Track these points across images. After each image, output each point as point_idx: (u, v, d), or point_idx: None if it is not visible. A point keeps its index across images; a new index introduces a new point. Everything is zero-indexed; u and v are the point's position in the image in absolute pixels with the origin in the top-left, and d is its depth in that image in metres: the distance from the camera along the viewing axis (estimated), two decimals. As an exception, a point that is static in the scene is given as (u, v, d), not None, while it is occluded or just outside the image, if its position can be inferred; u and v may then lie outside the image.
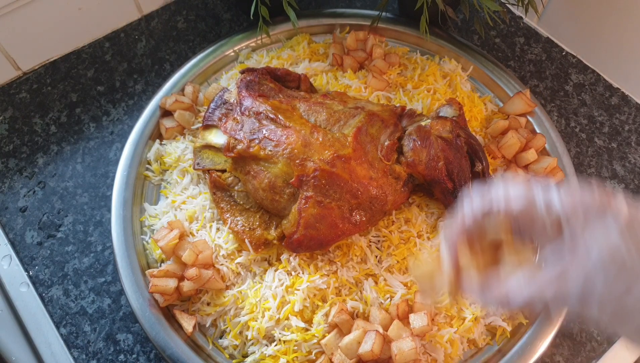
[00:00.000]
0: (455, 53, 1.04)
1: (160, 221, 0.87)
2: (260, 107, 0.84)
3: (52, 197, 0.94)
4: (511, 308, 0.55)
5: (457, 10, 1.11)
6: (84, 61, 1.08)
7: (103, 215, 0.92)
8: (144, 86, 1.05)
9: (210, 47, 1.04)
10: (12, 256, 0.88)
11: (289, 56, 1.02)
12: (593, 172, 0.98)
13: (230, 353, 0.79)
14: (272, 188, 0.79)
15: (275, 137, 0.79)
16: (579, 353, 0.83)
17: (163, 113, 0.96)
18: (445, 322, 0.78)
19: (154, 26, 1.12)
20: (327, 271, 0.79)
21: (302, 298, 0.76)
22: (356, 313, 0.78)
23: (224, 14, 1.15)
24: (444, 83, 0.99)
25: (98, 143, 0.99)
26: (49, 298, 0.85)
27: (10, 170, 0.96)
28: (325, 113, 0.83)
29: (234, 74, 1.01)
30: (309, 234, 0.76)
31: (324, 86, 0.99)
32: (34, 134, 1.00)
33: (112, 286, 0.86)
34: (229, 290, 0.80)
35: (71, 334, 0.82)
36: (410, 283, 0.81)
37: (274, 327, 0.77)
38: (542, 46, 1.13)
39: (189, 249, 0.78)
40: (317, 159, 0.77)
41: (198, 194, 0.88)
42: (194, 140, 0.93)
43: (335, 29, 1.07)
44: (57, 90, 1.04)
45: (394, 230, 0.84)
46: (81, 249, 0.89)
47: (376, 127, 0.83)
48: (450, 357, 0.77)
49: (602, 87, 1.07)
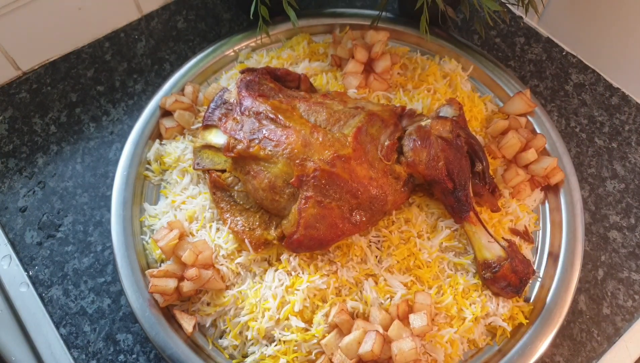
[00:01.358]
0: (455, 53, 1.04)
1: (160, 221, 0.87)
2: (260, 107, 0.83)
3: (52, 197, 0.94)
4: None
5: (457, 10, 1.11)
6: (84, 61, 1.08)
7: (103, 215, 0.92)
8: (144, 86, 1.05)
9: (210, 47, 1.04)
10: (12, 256, 0.88)
11: (288, 56, 1.02)
12: (593, 172, 0.98)
13: (230, 353, 0.79)
14: (272, 188, 0.79)
15: (275, 137, 0.79)
16: (579, 353, 0.83)
17: (163, 113, 0.96)
18: (446, 322, 0.78)
19: (154, 26, 1.12)
20: (327, 271, 0.79)
21: (302, 298, 0.76)
22: (356, 313, 0.78)
23: (224, 14, 1.15)
24: (444, 83, 0.99)
25: (98, 143, 0.99)
26: (48, 298, 0.85)
27: (10, 170, 0.96)
28: (325, 113, 0.83)
29: (234, 74, 1.01)
30: (309, 234, 0.76)
31: (324, 86, 0.99)
32: (34, 134, 1.00)
33: (112, 286, 0.86)
34: (229, 290, 0.80)
35: (71, 334, 0.82)
36: (410, 283, 0.81)
37: (274, 327, 0.77)
38: (542, 46, 1.13)
39: (189, 249, 0.78)
40: (317, 159, 0.77)
41: (198, 194, 0.88)
42: (194, 140, 0.93)
43: (335, 29, 1.07)
44: (57, 90, 1.04)
45: (394, 230, 0.83)
46: (81, 249, 0.89)
47: (376, 127, 0.83)
48: (450, 357, 0.77)
49: (602, 87, 1.07)
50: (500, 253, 0.80)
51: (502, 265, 0.79)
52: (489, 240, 0.81)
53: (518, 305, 0.82)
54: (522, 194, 0.90)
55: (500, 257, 0.80)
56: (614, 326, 0.85)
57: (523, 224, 0.88)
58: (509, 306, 0.81)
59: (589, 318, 0.86)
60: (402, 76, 1.01)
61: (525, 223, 0.89)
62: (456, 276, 0.81)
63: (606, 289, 0.88)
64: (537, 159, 0.90)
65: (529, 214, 0.90)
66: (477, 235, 0.81)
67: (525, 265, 0.80)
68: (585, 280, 0.89)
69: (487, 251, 0.80)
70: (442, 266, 0.82)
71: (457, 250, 0.84)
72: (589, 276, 0.89)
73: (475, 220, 0.82)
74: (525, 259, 0.81)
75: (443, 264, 0.83)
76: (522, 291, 0.81)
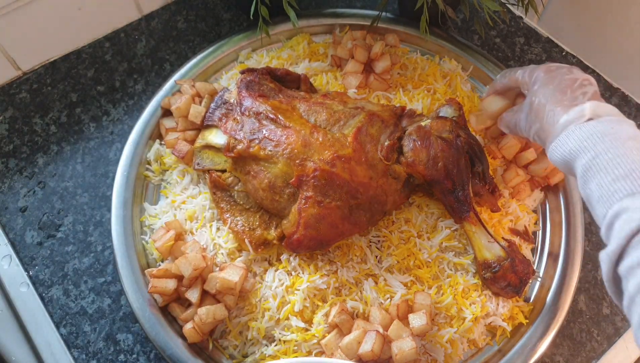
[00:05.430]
0: (455, 53, 1.04)
1: (160, 221, 0.87)
2: (260, 108, 0.84)
3: (52, 197, 0.94)
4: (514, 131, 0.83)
5: (457, 10, 1.11)
6: (84, 60, 1.08)
7: (103, 215, 0.92)
8: (144, 86, 1.05)
9: (210, 47, 1.04)
10: (12, 256, 0.88)
11: (289, 56, 1.02)
12: (593, 172, 0.98)
13: (230, 353, 0.79)
14: (272, 188, 0.79)
15: (275, 137, 0.79)
16: (579, 353, 0.83)
17: (163, 113, 0.96)
18: (445, 322, 0.78)
19: (154, 26, 1.12)
20: (327, 271, 0.79)
21: (302, 298, 0.77)
22: (356, 313, 0.78)
23: (224, 14, 1.15)
24: (444, 83, 1.00)
25: (98, 143, 0.99)
26: (49, 298, 0.85)
27: (10, 170, 0.96)
28: (325, 113, 0.84)
29: (234, 74, 1.01)
30: (309, 234, 0.77)
31: (324, 86, 0.99)
32: (34, 134, 1.00)
33: (112, 286, 0.86)
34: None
35: (71, 334, 0.82)
36: (410, 283, 0.81)
37: (274, 327, 0.77)
38: (542, 46, 1.13)
39: (186, 263, 0.76)
40: (317, 159, 0.77)
41: (198, 194, 0.88)
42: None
43: (335, 29, 1.07)
44: (57, 90, 1.04)
45: (394, 230, 0.84)
46: (81, 249, 0.89)
47: (376, 128, 0.83)
48: (450, 357, 0.77)
49: (602, 87, 1.07)
50: (500, 253, 0.80)
51: (502, 265, 0.79)
52: (488, 240, 0.81)
53: (518, 305, 0.82)
54: (522, 195, 0.90)
55: (500, 257, 0.80)
56: (614, 326, 0.85)
57: (523, 225, 0.88)
58: (509, 306, 0.81)
59: (589, 318, 0.86)
60: (402, 76, 1.01)
61: (525, 223, 0.89)
62: (456, 276, 0.81)
63: (606, 289, 0.88)
64: (537, 159, 0.90)
65: (529, 214, 0.90)
66: (477, 234, 0.81)
67: (525, 265, 0.80)
68: (585, 280, 0.89)
69: (487, 251, 0.80)
70: (442, 266, 0.82)
71: (457, 250, 0.84)
72: (589, 276, 0.89)
73: (475, 220, 0.82)
74: (525, 259, 0.81)
75: (443, 264, 0.83)
76: (522, 291, 0.81)
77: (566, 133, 0.66)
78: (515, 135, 0.85)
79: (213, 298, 0.78)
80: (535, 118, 0.74)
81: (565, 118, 0.68)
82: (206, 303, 0.77)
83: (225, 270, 0.77)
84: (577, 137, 0.65)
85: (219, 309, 0.75)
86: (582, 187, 0.64)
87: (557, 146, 0.68)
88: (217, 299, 0.77)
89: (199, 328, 0.75)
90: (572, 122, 0.67)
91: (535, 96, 0.74)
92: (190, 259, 0.76)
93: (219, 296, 0.77)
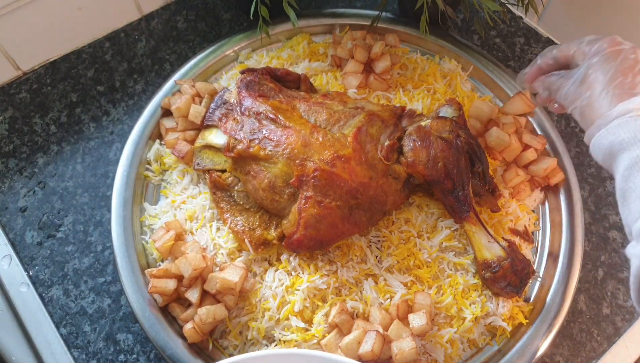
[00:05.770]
0: (455, 53, 1.04)
1: (160, 221, 0.87)
2: (260, 108, 0.84)
3: (52, 197, 0.94)
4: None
5: (457, 10, 1.11)
6: (84, 61, 1.08)
7: (103, 215, 0.92)
8: (144, 86, 1.05)
9: (210, 47, 1.04)
10: (12, 256, 0.88)
11: (288, 56, 1.02)
12: (593, 172, 0.98)
13: (230, 353, 0.79)
14: (272, 188, 0.79)
15: (275, 137, 0.79)
16: (579, 353, 0.83)
17: (163, 113, 0.96)
18: (445, 322, 0.78)
19: (154, 26, 1.13)
20: (327, 271, 0.79)
21: (302, 298, 0.77)
22: (356, 313, 0.78)
23: (224, 14, 1.15)
24: (444, 83, 1.00)
25: (98, 143, 0.99)
26: (49, 298, 0.85)
27: (10, 170, 0.96)
28: (325, 113, 0.84)
29: (234, 74, 1.01)
30: (309, 234, 0.77)
31: (324, 86, 0.99)
32: (34, 134, 1.00)
33: (112, 286, 0.86)
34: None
35: (71, 334, 0.82)
36: (410, 283, 0.81)
37: (274, 327, 0.77)
38: (542, 46, 1.12)
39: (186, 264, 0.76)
40: (317, 159, 0.77)
41: (198, 194, 0.88)
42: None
43: (335, 29, 1.07)
44: (57, 90, 1.04)
45: (394, 230, 0.84)
46: (81, 249, 0.89)
47: (376, 128, 0.83)
48: (450, 357, 0.77)
49: (602, 87, 1.07)
50: (500, 253, 0.80)
51: (502, 265, 0.79)
52: (488, 240, 0.81)
53: (518, 305, 0.82)
54: (522, 195, 0.90)
55: (500, 257, 0.80)
56: (614, 326, 0.85)
57: (523, 225, 0.88)
58: (508, 306, 0.81)
59: (588, 318, 0.86)
60: (402, 76, 1.01)
61: (525, 223, 0.89)
62: (456, 276, 0.81)
63: (606, 289, 0.88)
64: (536, 159, 0.90)
65: (529, 214, 0.90)
66: (477, 235, 0.81)
67: (525, 265, 0.80)
68: (585, 280, 0.89)
69: (487, 251, 0.80)
70: (442, 266, 0.82)
71: (457, 250, 0.84)
72: (588, 276, 0.89)
73: (475, 220, 0.82)
74: (525, 259, 0.81)
75: (443, 264, 0.83)
76: (522, 291, 0.81)
77: (619, 122, 0.63)
78: (550, 101, 0.78)
79: (213, 298, 0.78)
80: (585, 92, 0.68)
81: (623, 106, 0.64)
82: (206, 303, 0.77)
83: (225, 270, 0.77)
84: (632, 128, 0.62)
85: (219, 309, 0.75)
86: (622, 180, 0.62)
87: (606, 134, 0.64)
88: (217, 299, 0.77)
89: (199, 328, 0.75)
90: (630, 112, 0.63)
91: (592, 69, 0.68)
92: (190, 259, 0.76)
93: (219, 296, 0.77)
